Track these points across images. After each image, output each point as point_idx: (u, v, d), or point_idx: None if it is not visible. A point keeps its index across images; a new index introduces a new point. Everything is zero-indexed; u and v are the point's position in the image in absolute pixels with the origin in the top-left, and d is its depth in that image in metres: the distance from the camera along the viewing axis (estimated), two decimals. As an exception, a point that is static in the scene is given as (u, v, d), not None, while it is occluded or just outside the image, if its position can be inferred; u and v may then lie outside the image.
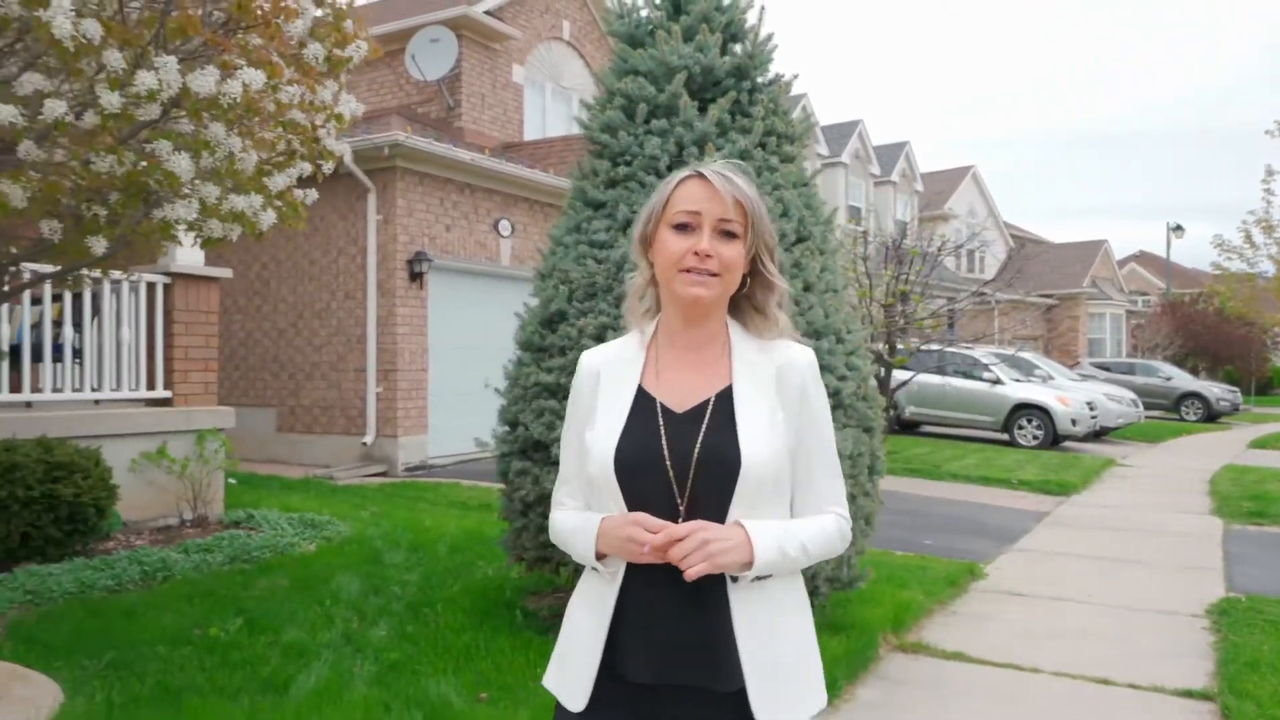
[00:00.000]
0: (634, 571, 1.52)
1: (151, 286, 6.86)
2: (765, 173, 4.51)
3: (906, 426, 16.37)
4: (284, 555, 5.88)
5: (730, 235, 1.51)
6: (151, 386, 6.98)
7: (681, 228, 1.51)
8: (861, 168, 25.90)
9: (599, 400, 1.58)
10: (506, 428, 4.66)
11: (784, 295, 1.60)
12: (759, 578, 1.49)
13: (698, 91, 4.62)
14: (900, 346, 13.60)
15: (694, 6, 4.67)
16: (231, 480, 7.84)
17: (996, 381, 15.71)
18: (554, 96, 15.16)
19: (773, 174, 4.55)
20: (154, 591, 5.04)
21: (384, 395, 10.38)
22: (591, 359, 1.64)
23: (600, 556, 1.54)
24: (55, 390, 6.43)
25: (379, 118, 11.84)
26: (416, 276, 10.50)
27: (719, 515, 1.49)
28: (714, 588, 1.49)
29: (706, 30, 4.58)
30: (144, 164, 2.49)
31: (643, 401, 1.55)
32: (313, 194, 3.51)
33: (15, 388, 6.15)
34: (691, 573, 1.43)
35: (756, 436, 1.50)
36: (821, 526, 1.57)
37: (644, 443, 1.52)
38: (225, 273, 7.52)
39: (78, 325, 6.43)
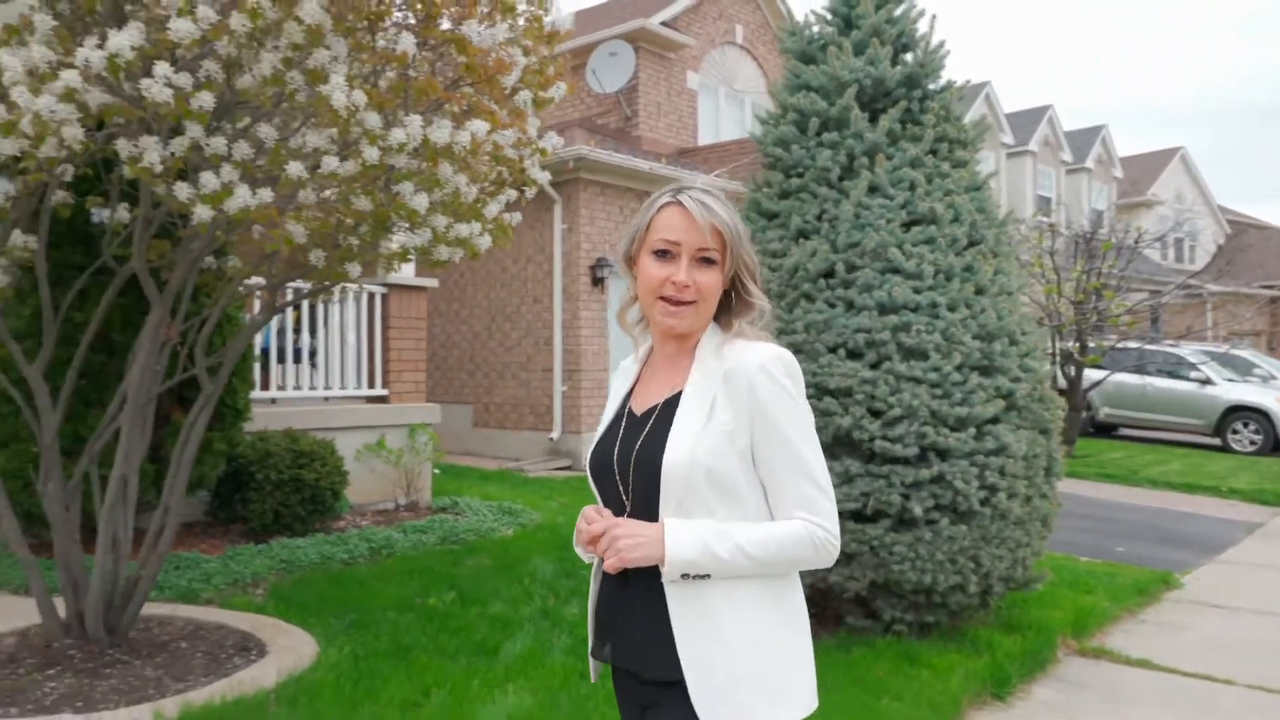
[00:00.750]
0: (599, 565, 1.64)
1: (371, 296, 7.70)
2: (936, 179, 4.64)
3: (1101, 429, 15.56)
4: (486, 538, 6.50)
5: (708, 262, 1.56)
6: (371, 385, 7.83)
7: (661, 254, 1.56)
8: (1051, 155, 24.65)
9: (607, 406, 1.74)
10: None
11: (764, 312, 1.62)
12: (694, 576, 1.49)
13: (869, 102, 4.79)
14: (1092, 345, 13.00)
15: (865, 21, 4.85)
16: (436, 470, 8.62)
17: (1206, 381, 14.65)
18: (727, 100, 15.46)
19: (944, 179, 4.66)
20: (380, 565, 5.73)
21: (569, 394, 11.03)
22: (620, 368, 1.77)
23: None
24: (295, 388, 7.36)
25: (563, 130, 12.54)
26: (598, 281, 11.08)
27: (653, 514, 1.54)
28: (655, 583, 1.52)
29: (877, 43, 4.75)
30: (390, 202, 3.00)
31: (622, 409, 1.67)
32: (517, 216, 3.98)
33: (264, 386, 7.09)
34: (608, 565, 1.52)
35: (683, 439, 1.51)
36: (775, 531, 1.52)
37: (607, 446, 1.63)
38: (432, 282, 8.30)
39: (313, 332, 7.34)
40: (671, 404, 1.56)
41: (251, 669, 3.95)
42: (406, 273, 7.80)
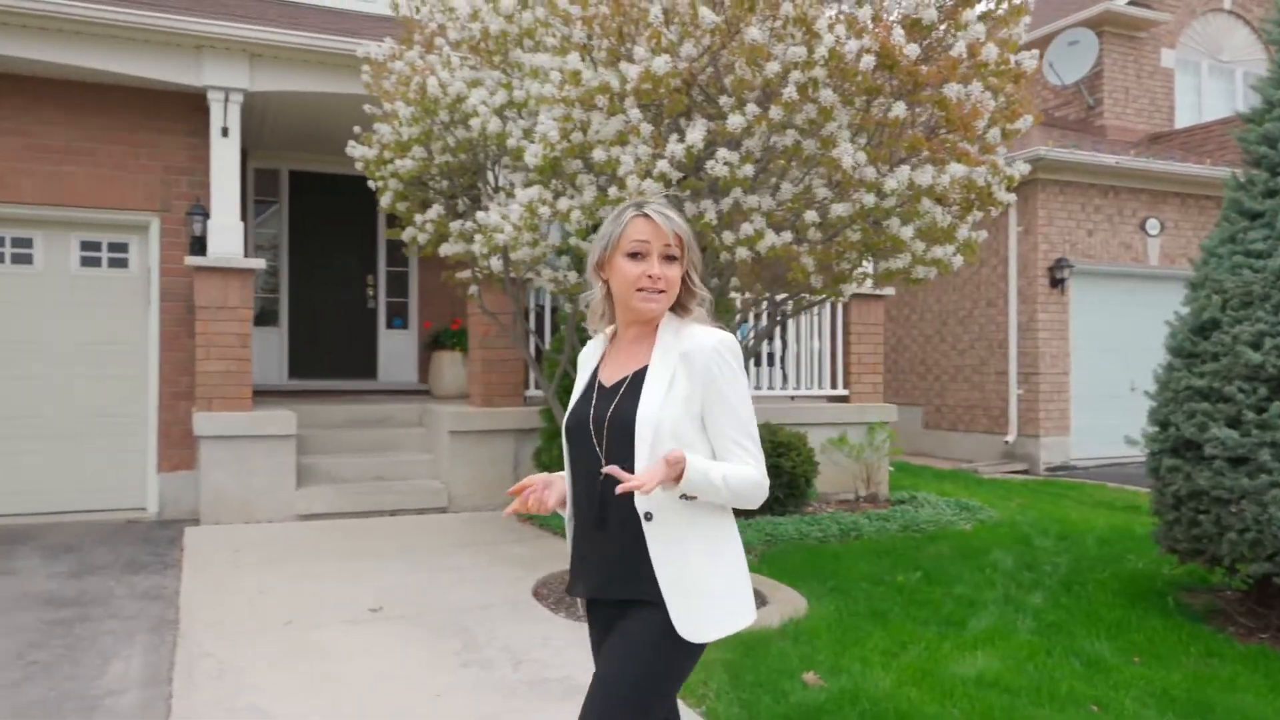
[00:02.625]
0: (576, 512, 2.02)
1: (834, 305, 8.54)
2: None
3: None
4: (945, 530, 6.96)
5: (671, 259, 1.93)
6: (834, 386, 8.68)
7: (634, 255, 1.91)
8: None
9: (576, 383, 2.10)
10: (1157, 428, 5.04)
11: (705, 300, 2.02)
12: (686, 497, 1.87)
13: (1378, 87, 4.46)
14: None
15: (1374, -1, 4.51)
16: (890, 468, 9.21)
17: None
18: (1211, 74, 13.94)
19: None
20: (848, 545, 6.49)
21: (1025, 397, 10.93)
22: (583, 352, 2.14)
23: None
24: (769, 388, 8.44)
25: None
26: (1057, 283, 10.83)
27: (628, 465, 1.87)
28: (630, 522, 1.90)
29: (1390, 22, 4.41)
30: (879, 234, 3.71)
31: (592, 381, 2.03)
32: (983, 234, 4.46)
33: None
34: (625, 487, 1.77)
35: (651, 402, 1.88)
36: (740, 471, 1.89)
37: (582, 411, 1.99)
38: (889, 291, 8.92)
39: (774, 337, 8.37)
40: (639, 376, 1.94)
41: (757, 612, 4.90)
42: (866, 283, 8.52)
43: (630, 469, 1.85)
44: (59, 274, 7.23)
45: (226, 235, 6.93)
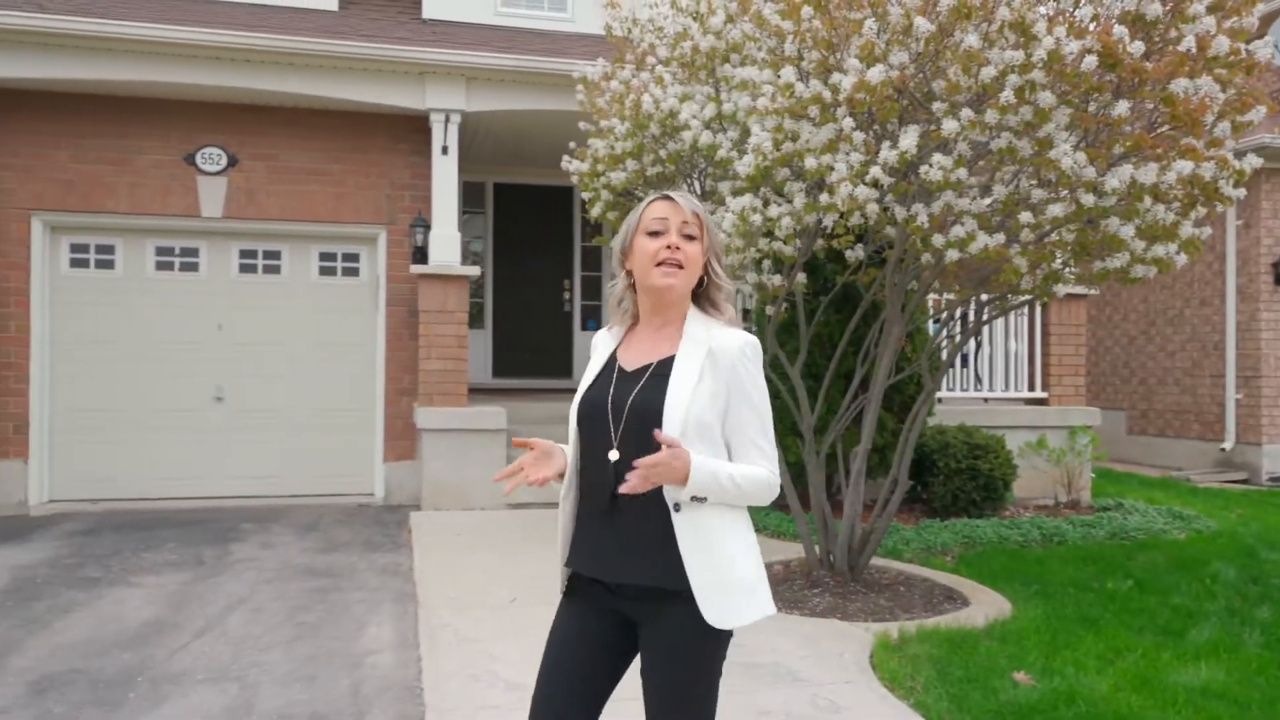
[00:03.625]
0: (582, 491, 2.00)
1: (1032, 306, 8.28)
2: None
3: None
4: (1157, 538, 6.64)
5: (691, 238, 1.94)
6: (1031, 388, 8.43)
7: (654, 234, 1.94)
8: None
9: (589, 366, 2.08)
10: None
11: (730, 294, 2.01)
12: (696, 499, 1.85)
13: None
14: None
15: None
16: (1092, 474, 8.83)
17: None
18: None
19: None
20: (1050, 550, 6.33)
21: (1244, 402, 10.17)
22: (597, 337, 2.13)
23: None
24: (963, 390, 8.30)
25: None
26: (1283, 279, 10.02)
27: (643, 452, 1.80)
28: (653, 510, 1.88)
29: None
30: (1096, 233, 3.68)
31: (610, 364, 2.01)
32: (1207, 230, 4.29)
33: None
34: (630, 487, 1.76)
35: (680, 393, 1.87)
36: (749, 471, 1.89)
37: (598, 393, 1.97)
38: (1092, 291, 8.56)
39: (976, 339, 8.20)
40: (665, 365, 1.93)
41: (960, 612, 4.91)
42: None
43: (647, 454, 1.81)
44: (301, 282, 8.10)
45: (446, 245, 7.55)
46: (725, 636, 1.93)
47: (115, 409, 7.77)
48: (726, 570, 1.89)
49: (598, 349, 2.09)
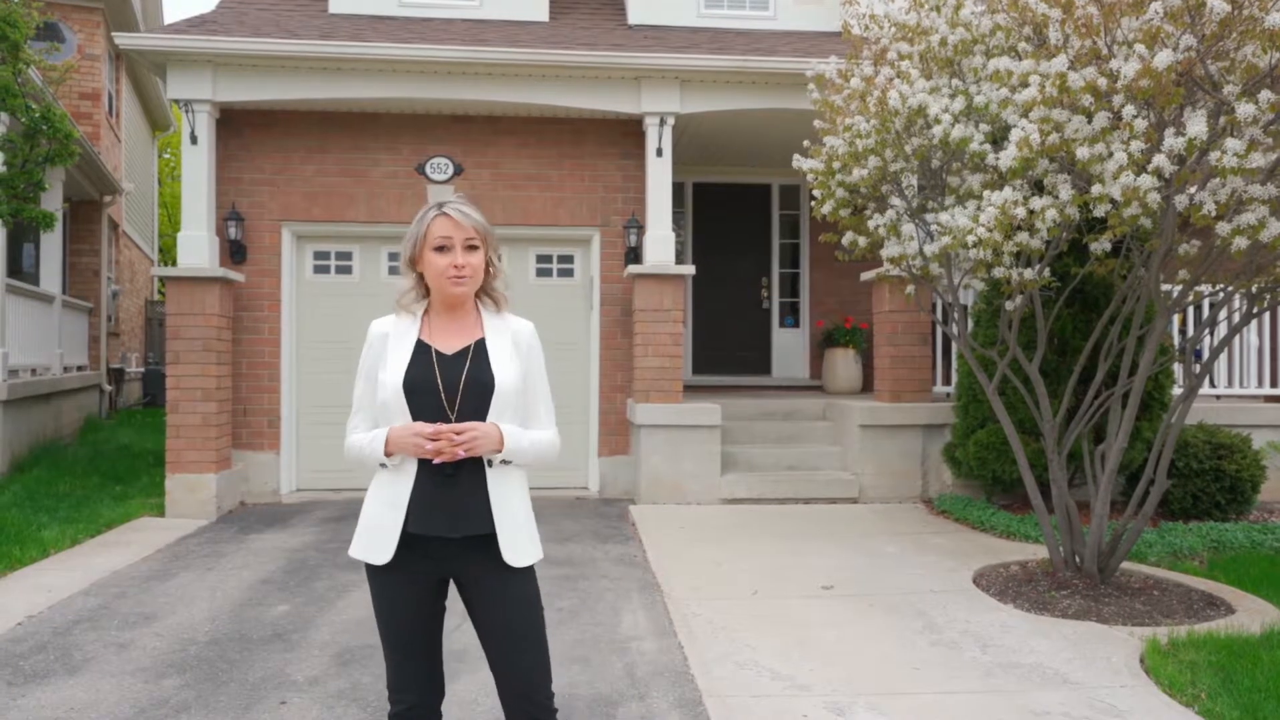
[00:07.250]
0: (423, 465, 2.23)
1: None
2: None
3: None
4: None
5: (473, 248, 2.27)
6: (1274, 384, 7.82)
7: (440, 249, 2.26)
8: None
9: (388, 350, 2.31)
10: None
11: (505, 277, 2.39)
12: (505, 461, 2.26)
13: None
14: None
15: None
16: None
17: None
18: None
19: None
20: (1315, 559, 5.87)
21: None
22: (381, 327, 2.36)
23: (390, 455, 2.24)
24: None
25: None
26: None
27: (480, 419, 2.23)
28: (476, 471, 2.24)
29: None
30: None
31: (421, 348, 2.29)
32: None
33: (1170, 383, 7.71)
34: (454, 453, 2.17)
35: (504, 369, 2.28)
36: (542, 435, 2.35)
37: (423, 373, 2.25)
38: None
39: (1212, 331, 7.68)
40: (480, 347, 2.30)
41: (1227, 619, 4.66)
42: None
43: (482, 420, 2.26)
44: (520, 284, 8.51)
45: (661, 245, 7.77)
46: (530, 570, 2.33)
47: (350, 405, 8.41)
48: (519, 519, 2.30)
49: (391, 336, 2.35)
